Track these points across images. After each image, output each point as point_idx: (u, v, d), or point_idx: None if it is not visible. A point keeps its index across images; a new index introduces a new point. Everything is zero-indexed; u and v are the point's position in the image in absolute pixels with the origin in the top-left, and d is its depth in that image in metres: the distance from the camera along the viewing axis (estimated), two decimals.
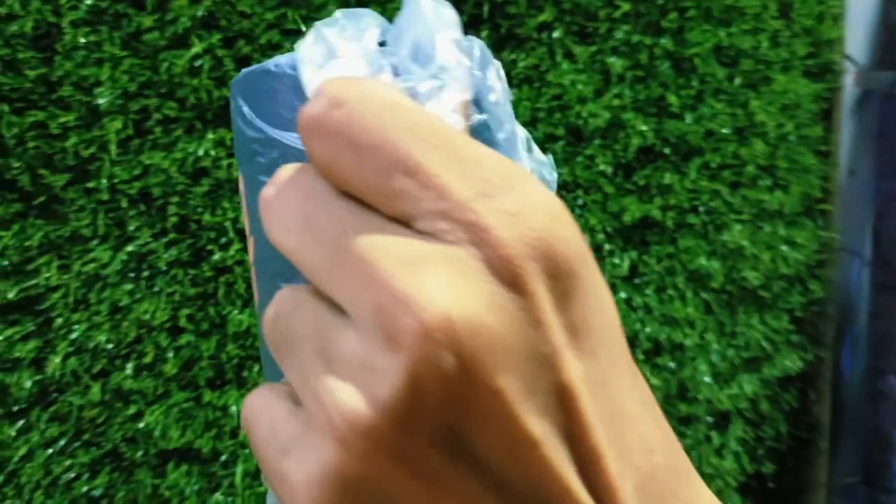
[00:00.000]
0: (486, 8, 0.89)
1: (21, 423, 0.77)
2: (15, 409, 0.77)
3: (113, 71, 0.77)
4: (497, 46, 0.90)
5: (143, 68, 0.78)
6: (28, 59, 0.74)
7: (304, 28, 0.83)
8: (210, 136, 0.81)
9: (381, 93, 0.22)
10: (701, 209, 0.99)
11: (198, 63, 0.80)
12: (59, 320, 0.78)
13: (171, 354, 0.82)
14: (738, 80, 0.99)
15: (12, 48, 0.73)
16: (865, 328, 1.31)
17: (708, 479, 1.04)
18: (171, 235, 0.80)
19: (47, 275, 0.76)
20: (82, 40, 0.75)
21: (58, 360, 0.77)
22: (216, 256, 0.83)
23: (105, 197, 0.77)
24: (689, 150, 0.98)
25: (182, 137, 0.80)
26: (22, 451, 0.77)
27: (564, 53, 0.92)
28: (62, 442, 0.79)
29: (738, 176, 1.01)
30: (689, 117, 0.97)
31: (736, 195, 1.00)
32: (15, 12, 0.73)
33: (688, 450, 1.01)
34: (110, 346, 0.79)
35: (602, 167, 0.94)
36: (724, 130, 0.98)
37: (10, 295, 0.75)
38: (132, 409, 0.80)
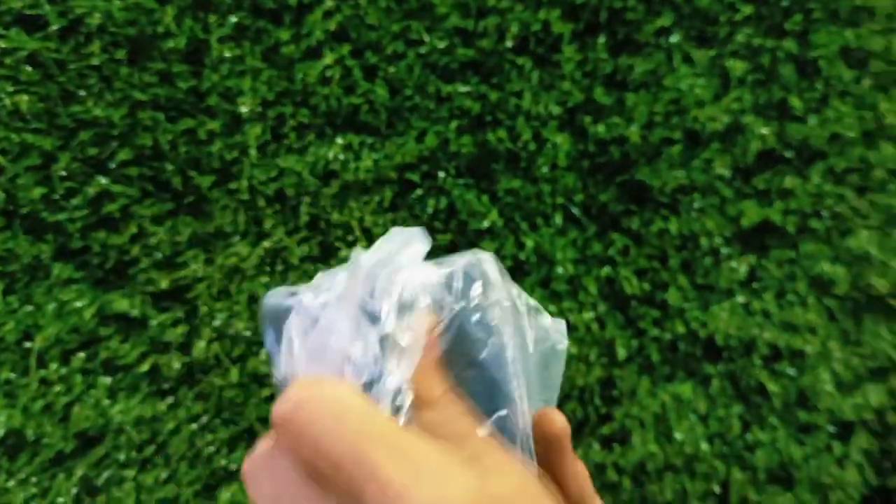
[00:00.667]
0: (603, 14, 0.91)
1: (170, 399, 0.86)
2: (165, 387, 0.86)
3: (254, 81, 0.84)
4: (614, 52, 0.92)
5: (279, 79, 0.85)
6: (181, 72, 0.82)
7: (426, 38, 0.88)
8: (339, 140, 0.87)
9: (335, 397, 0.28)
10: (824, 214, 0.97)
11: (329, 73, 0.86)
12: (204, 308, 0.85)
13: None
14: (866, 82, 0.96)
15: (168, 62, 0.81)
16: None
17: (828, 489, 1.01)
18: (303, 233, 0.87)
19: (194, 267, 0.84)
20: (227, 54, 0.83)
21: (202, 344, 0.85)
22: (343, 252, 0.89)
23: (245, 197, 0.84)
24: (812, 154, 0.97)
25: (314, 142, 0.86)
26: (170, 426, 0.85)
27: (683, 58, 0.93)
28: (205, 419, 0.86)
29: (866, 180, 0.98)
30: (812, 120, 0.96)
31: (863, 200, 0.98)
32: (171, 30, 0.81)
33: (807, 459, 1.00)
34: (248, 333, 0.87)
35: (720, 171, 0.94)
36: (851, 134, 0.96)
37: (163, 284, 0.83)
38: (266, 392, 0.87)
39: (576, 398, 0.95)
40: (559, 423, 0.36)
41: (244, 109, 0.84)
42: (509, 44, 0.89)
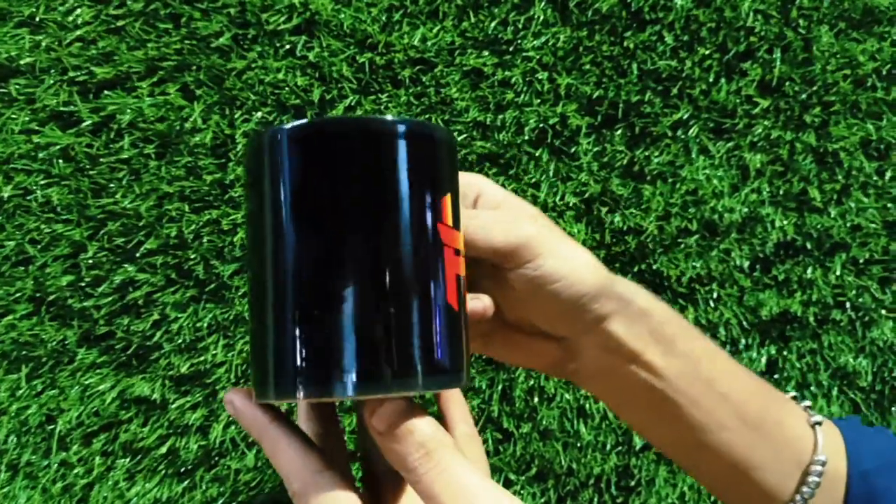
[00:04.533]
0: (620, 108, 0.93)
1: (187, 482, 0.87)
2: (182, 469, 0.87)
3: None
4: (631, 144, 0.93)
5: None
6: (206, 165, 0.85)
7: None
8: None
9: None
10: (847, 305, 0.96)
11: None
12: (223, 392, 0.87)
13: None
14: (889, 174, 0.96)
15: (194, 156, 0.85)
16: None
17: None
18: None
19: (214, 352, 0.86)
20: None
21: (220, 428, 0.87)
22: None
23: None
24: (833, 245, 0.96)
25: None
26: None
27: (700, 149, 0.94)
28: (220, 501, 0.88)
29: (889, 272, 0.97)
30: (833, 212, 0.95)
31: (887, 291, 0.96)
32: (198, 126, 0.84)
33: None
34: None
35: (738, 261, 0.94)
36: (873, 225, 0.95)
37: (183, 369, 0.85)
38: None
39: (592, 486, 0.94)
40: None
41: None
42: (527, 136, 0.91)
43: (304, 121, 0.39)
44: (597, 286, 0.46)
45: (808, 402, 0.54)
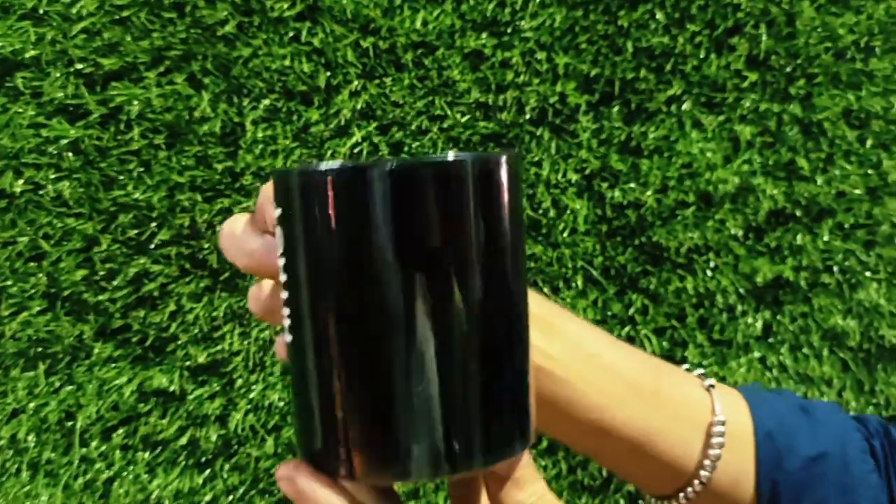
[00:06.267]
0: (616, 85, 0.95)
1: (207, 472, 0.87)
2: (202, 459, 0.87)
3: (286, 160, 0.87)
4: (628, 120, 0.96)
5: (310, 157, 0.88)
6: (216, 153, 0.85)
7: (449, 113, 0.91)
8: None
9: None
10: (835, 269, 1.01)
11: (357, 149, 0.90)
12: (240, 381, 0.88)
13: None
14: (869, 142, 1.00)
15: (204, 145, 0.85)
16: None
17: None
18: None
19: (230, 341, 0.86)
20: (260, 135, 0.86)
21: (239, 416, 0.87)
22: None
23: None
24: (820, 212, 1.00)
25: None
26: (208, 498, 0.87)
27: (693, 123, 0.97)
28: (241, 490, 0.88)
29: (873, 235, 1.01)
30: (819, 179, 0.99)
31: (871, 254, 1.01)
32: (206, 115, 0.84)
33: None
34: (282, 403, 0.89)
35: (733, 230, 0.97)
36: (857, 191, 1.00)
37: (201, 359, 0.85)
38: None
39: None
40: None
41: None
42: (528, 116, 0.93)
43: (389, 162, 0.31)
44: None
45: (700, 370, 0.52)
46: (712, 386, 0.50)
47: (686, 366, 0.53)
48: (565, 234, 0.95)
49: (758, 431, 0.48)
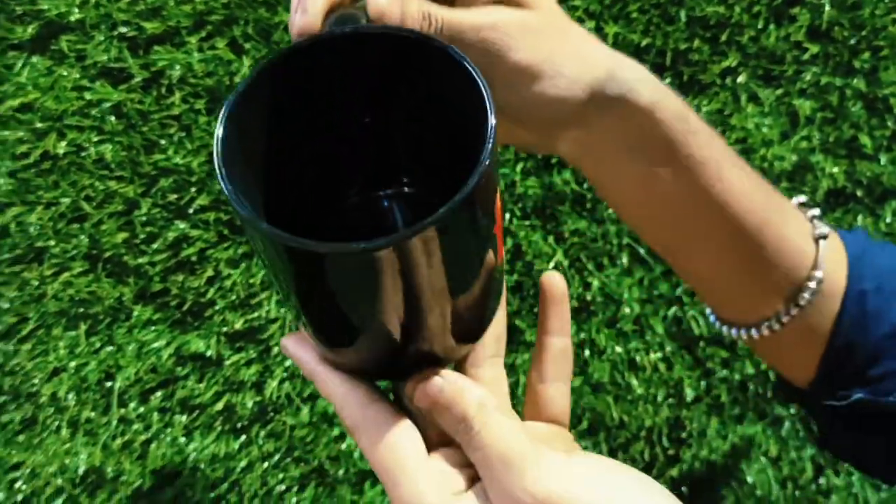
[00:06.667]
0: (668, 56, 0.92)
1: (243, 438, 0.88)
2: (238, 425, 0.88)
3: None
4: (680, 92, 0.92)
5: None
6: None
7: None
8: None
9: None
10: None
11: None
12: (276, 349, 0.87)
13: None
14: None
15: None
16: None
17: None
18: None
19: (267, 308, 0.86)
20: None
21: (275, 384, 0.87)
22: None
23: None
24: (883, 192, 0.95)
25: None
26: (243, 463, 0.87)
27: (749, 97, 0.93)
28: (276, 457, 0.88)
29: None
30: (883, 158, 0.94)
31: None
32: None
33: None
34: None
35: None
36: None
37: (238, 325, 0.86)
38: (335, 431, 0.89)
39: (643, 439, 0.94)
40: (561, 286, 0.42)
41: None
42: None
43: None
44: (587, 90, 0.41)
45: (816, 211, 0.49)
46: (824, 236, 0.47)
47: (803, 199, 0.50)
48: (610, 210, 0.92)
49: (850, 290, 0.46)
